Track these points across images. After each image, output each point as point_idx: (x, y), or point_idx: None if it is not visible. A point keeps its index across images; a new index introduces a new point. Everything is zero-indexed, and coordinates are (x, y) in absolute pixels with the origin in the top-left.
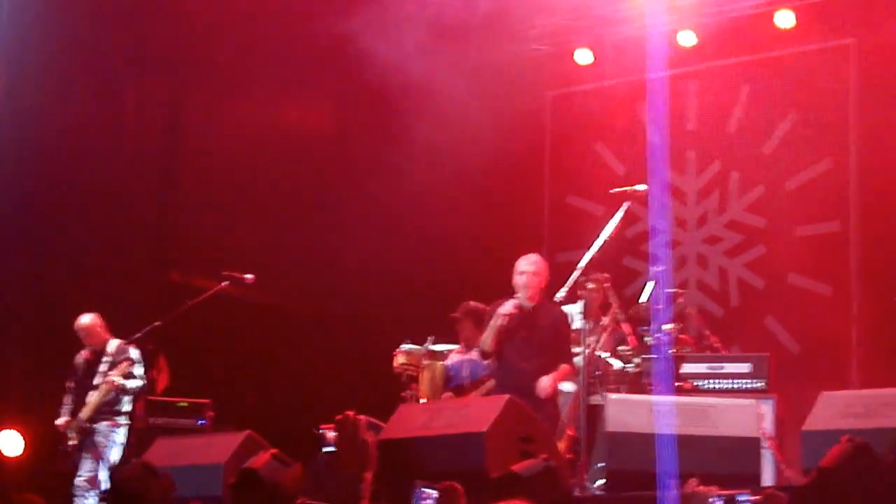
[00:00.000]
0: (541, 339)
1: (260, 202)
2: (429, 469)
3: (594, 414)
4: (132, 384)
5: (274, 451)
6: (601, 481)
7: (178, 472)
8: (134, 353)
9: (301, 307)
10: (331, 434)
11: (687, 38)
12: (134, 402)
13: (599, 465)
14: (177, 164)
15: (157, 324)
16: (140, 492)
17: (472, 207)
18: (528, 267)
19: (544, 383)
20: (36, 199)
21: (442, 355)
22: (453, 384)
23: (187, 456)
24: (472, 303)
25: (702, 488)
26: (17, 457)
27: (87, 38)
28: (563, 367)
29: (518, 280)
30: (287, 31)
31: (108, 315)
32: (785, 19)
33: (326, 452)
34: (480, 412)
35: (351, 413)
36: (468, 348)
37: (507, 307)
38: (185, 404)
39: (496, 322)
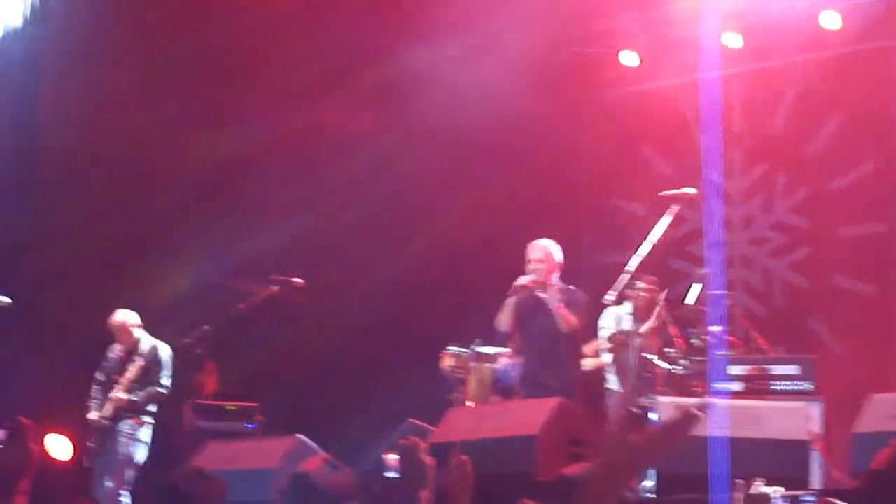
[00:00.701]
0: (557, 331)
1: (307, 205)
2: (479, 472)
3: (641, 415)
4: (140, 394)
5: (325, 455)
6: (650, 484)
7: (229, 477)
8: (164, 357)
9: (349, 310)
10: (392, 458)
11: (732, 40)
12: (159, 404)
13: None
14: (224, 169)
15: (205, 328)
16: (194, 497)
17: (517, 209)
18: (533, 254)
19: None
20: (88, 202)
21: (489, 358)
22: (501, 387)
23: (238, 460)
24: None
25: (767, 489)
26: (66, 461)
27: (131, 39)
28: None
29: (526, 268)
30: (333, 32)
31: (157, 319)
32: (831, 20)
33: (388, 477)
34: (531, 415)
35: (414, 438)
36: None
37: (520, 280)
38: (234, 408)
39: (510, 300)
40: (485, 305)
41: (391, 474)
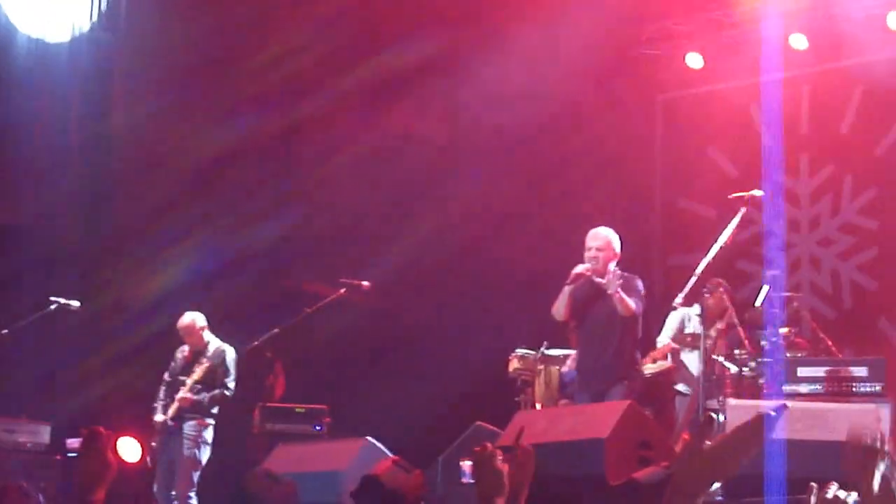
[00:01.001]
0: (612, 317)
1: (375, 207)
2: (549, 476)
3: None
4: (205, 396)
5: (395, 457)
6: (718, 485)
7: (299, 479)
8: (230, 359)
9: (416, 313)
10: (467, 465)
11: (798, 41)
12: (220, 405)
13: None
14: (292, 172)
15: (275, 331)
16: (264, 499)
17: (584, 212)
18: (592, 242)
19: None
20: (156, 209)
21: (557, 360)
22: (569, 390)
23: (308, 463)
24: None
25: (841, 493)
26: (135, 463)
27: (205, 62)
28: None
29: (585, 256)
30: (397, 39)
31: (227, 322)
32: None
33: (464, 483)
34: (600, 418)
35: (489, 445)
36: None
37: (578, 268)
38: (302, 410)
39: (566, 288)
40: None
41: (467, 480)
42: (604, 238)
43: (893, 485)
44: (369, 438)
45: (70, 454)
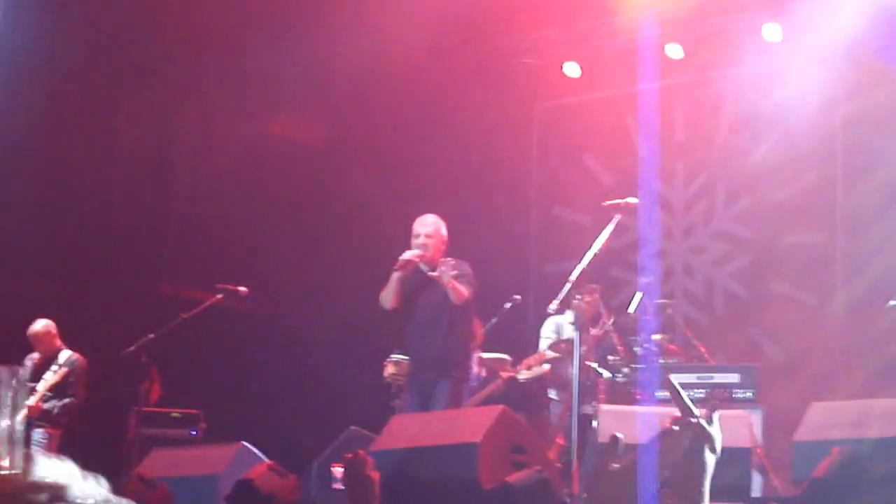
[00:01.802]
0: (444, 303)
1: (252, 213)
2: (422, 480)
3: (584, 423)
4: (52, 404)
5: (270, 462)
6: None
7: (174, 484)
8: (82, 369)
9: (293, 318)
10: (339, 471)
11: (674, 51)
12: (67, 413)
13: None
14: (169, 176)
15: (150, 336)
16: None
17: (459, 217)
18: (420, 228)
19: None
20: (27, 210)
21: None
22: None
23: (183, 467)
24: None
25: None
26: None
27: (79, 49)
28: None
29: (413, 243)
30: (276, 41)
31: (102, 327)
32: (772, 32)
33: (335, 490)
34: (473, 423)
35: (361, 452)
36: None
37: (406, 255)
38: (178, 415)
39: (395, 275)
40: None
41: (338, 486)
42: (432, 224)
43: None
44: (244, 443)
45: None
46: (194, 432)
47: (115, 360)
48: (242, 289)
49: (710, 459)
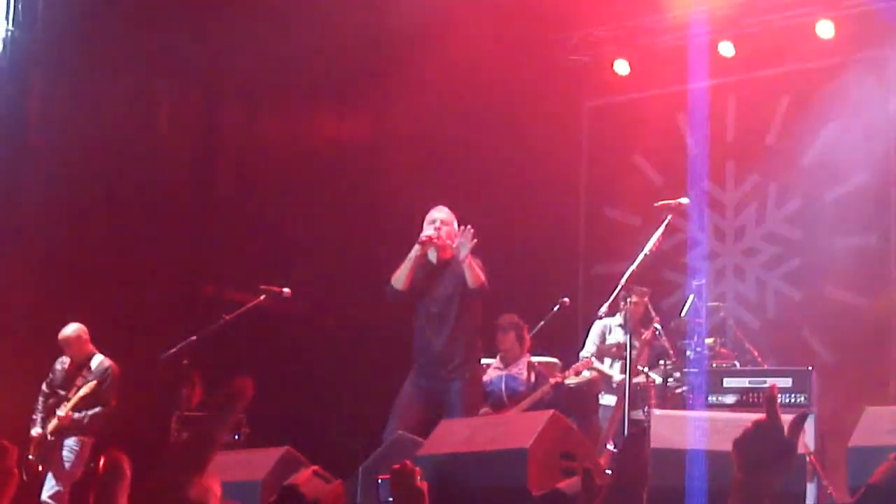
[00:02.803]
0: (454, 296)
1: (296, 212)
2: (470, 486)
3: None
4: (83, 414)
5: (315, 467)
6: None
7: None
8: (113, 376)
9: (338, 320)
10: (386, 482)
11: (726, 49)
12: (98, 422)
13: None
14: (211, 176)
15: (192, 339)
16: None
17: (509, 219)
18: (436, 214)
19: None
20: (67, 209)
21: None
22: (491, 400)
23: (225, 472)
24: (515, 316)
25: None
26: None
27: (121, 47)
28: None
29: (430, 227)
30: (323, 39)
31: (143, 330)
32: (825, 29)
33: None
34: (523, 428)
35: (408, 463)
36: (507, 363)
37: (426, 232)
38: None
39: (413, 253)
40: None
41: (388, 498)
42: (447, 212)
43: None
44: (289, 448)
45: None
46: (237, 437)
47: (156, 363)
48: (286, 290)
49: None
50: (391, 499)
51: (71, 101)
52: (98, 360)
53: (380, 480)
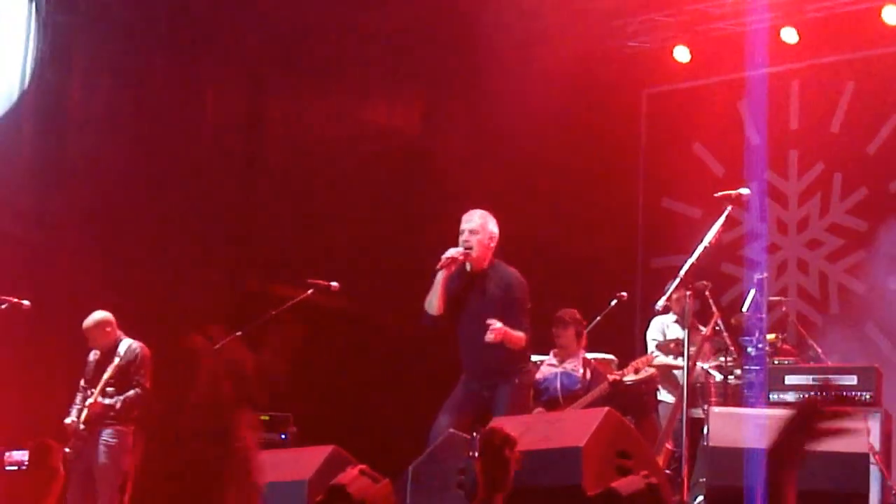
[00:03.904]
0: (493, 307)
1: (343, 205)
2: (524, 485)
3: (694, 427)
4: (115, 399)
5: (362, 466)
6: (701, 498)
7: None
8: (143, 356)
9: (387, 316)
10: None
11: (789, 35)
12: (139, 407)
13: (700, 480)
14: (257, 166)
15: (237, 334)
16: None
17: (564, 210)
18: (465, 224)
19: (496, 327)
20: (110, 198)
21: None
22: (545, 398)
23: (271, 471)
24: (576, 311)
25: None
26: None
27: (166, 31)
28: (518, 333)
29: (460, 240)
30: (371, 25)
31: (188, 325)
32: (893, 15)
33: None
34: (577, 426)
35: (503, 428)
36: (562, 359)
37: (449, 252)
38: (267, 417)
39: (438, 275)
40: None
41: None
42: (478, 220)
43: None
44: (336, 447)
45: (11, 467)
46: (284, 436)
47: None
48: (334, 284)
49: None
50: (477, 454)
51: (113, 88)
52: (126, 345)
53: (474, 435)
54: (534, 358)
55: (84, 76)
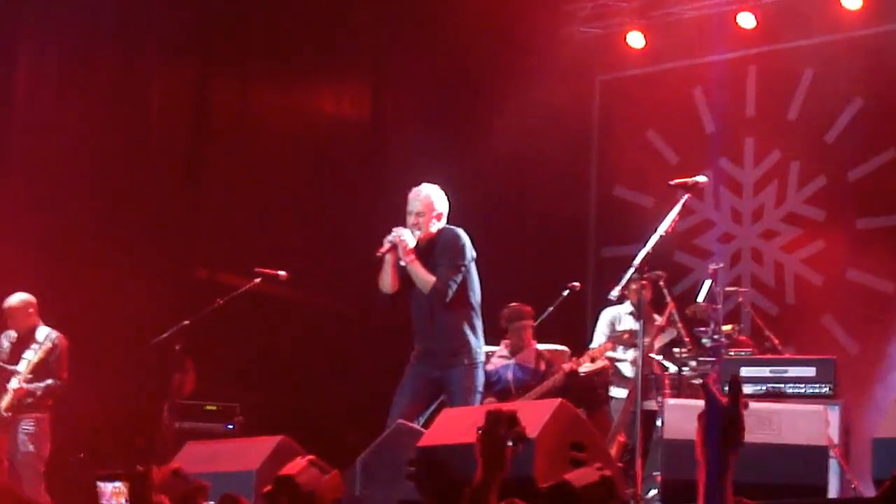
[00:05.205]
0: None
1: (292, 194)
2: (473, 477)
3: (648, 420)
4: (35, 386)
5: (311, 456)
6: (654, 491)
7: (209, 479)
8: (62, 347)
9: (336, 305)
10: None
11: (746, 20)
12: (50, 396)
13: (654, 473)
14: (203, 155)
15: (184, 323)
16: (172, 499)
17: (514, 199)
18: (411, 206)
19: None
20: (55, 192)
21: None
22: (497, 389)
23: (218, 462)
24: (525, 306)
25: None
26: None
27: (111, 20)
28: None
29: (407, 221)
30: (319, 11)
31: (134, 314)
32: (851, 0)
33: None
34: (529, 417)
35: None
36: (514, 351)
37: (389, 237)
38: (214, 407)
39: (386, 256)
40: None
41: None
42: (423, 200)
43: None
44: (284, 437)
45: None
46: (230, 426)
47: (147, 348)
48: (282, 273)
49: None
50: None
51: (59, 79)
52: (44, 332)
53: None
54: (485, 349)
55: (29, 66)
